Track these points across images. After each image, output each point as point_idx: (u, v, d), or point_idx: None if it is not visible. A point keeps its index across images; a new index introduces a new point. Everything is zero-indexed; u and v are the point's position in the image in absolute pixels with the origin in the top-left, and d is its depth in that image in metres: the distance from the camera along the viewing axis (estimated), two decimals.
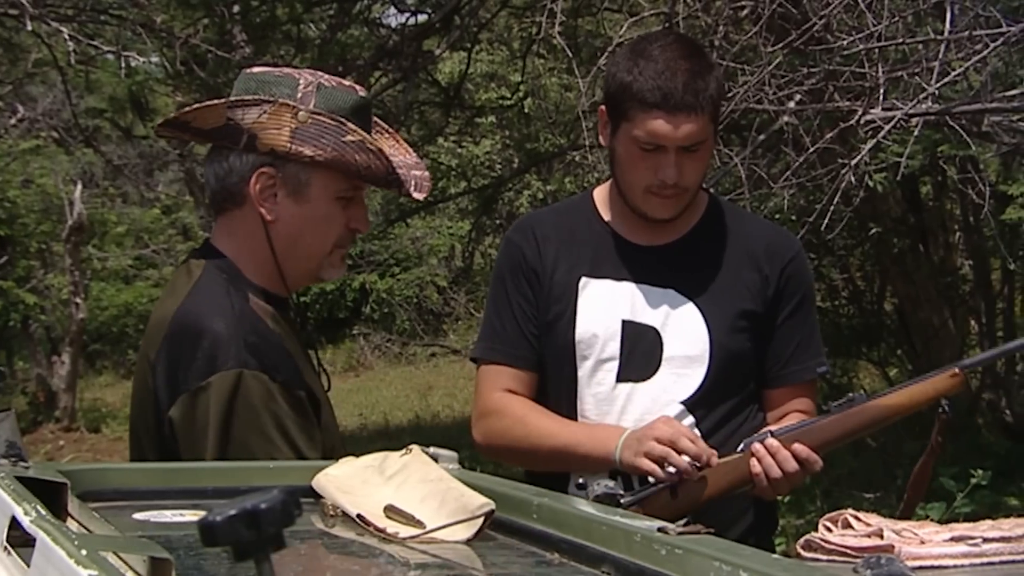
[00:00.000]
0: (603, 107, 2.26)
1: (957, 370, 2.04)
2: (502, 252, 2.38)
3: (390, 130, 2.16)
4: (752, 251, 2.27)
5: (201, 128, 2.04)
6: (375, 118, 2.14)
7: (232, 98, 2.01)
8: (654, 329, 2.22)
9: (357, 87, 2.08)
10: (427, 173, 2.12)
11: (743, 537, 2.21)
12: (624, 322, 2.22)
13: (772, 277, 2.25)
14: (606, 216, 2.31)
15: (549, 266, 2.28)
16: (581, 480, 2.11)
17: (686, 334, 2.22)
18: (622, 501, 2.02)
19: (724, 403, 2.24)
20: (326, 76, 2.06)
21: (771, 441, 2.04)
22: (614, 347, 2.22)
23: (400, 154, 2.11)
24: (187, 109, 2.05)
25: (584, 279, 2.26)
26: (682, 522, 1.96)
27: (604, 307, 2.24)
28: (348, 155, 1.97)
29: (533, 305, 2.28)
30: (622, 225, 2.29)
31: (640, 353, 2.21)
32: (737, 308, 2.24)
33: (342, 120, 1.98)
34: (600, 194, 2.35)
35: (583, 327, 2.23)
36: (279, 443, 1.91)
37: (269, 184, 2.00)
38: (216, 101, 2.04)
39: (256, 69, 2.10)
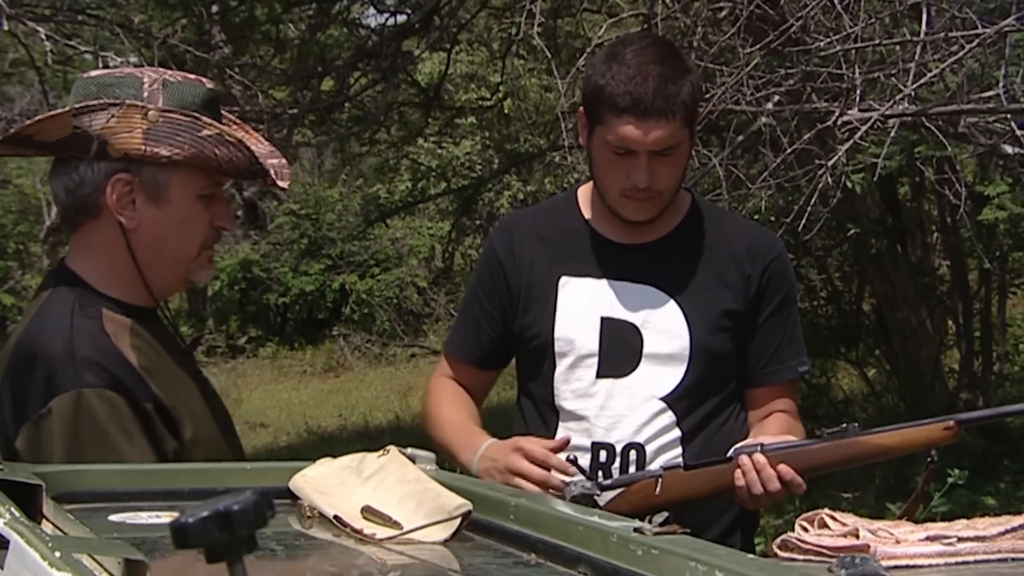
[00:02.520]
0: (581, 108, 2.28)
1: (952, 423, 2.03)
2: (482, 250, 2.46)
3: (238, 121, 2.07)
4: (734, 250, 2.28)
5: (45, 141, 1.92)
6: (222, 110, 2.03)
7: (77, 105, 1.89)
8: (633, 325, 2.23)
9: (204, 80, 2.00)
10: (285, 161, 2.03)
11: (725, 533, 2.22)
12: (603, 319, 2.23)
13: (754, 276, 2.26)
14: (588, 215, 2.32)
15: (526, 266, 2.30)
16: (572, 455, 2.17)
17: (666, 331, 2.23)
18: (604, 483, 2.07)
19: (705, 401, 2.24)
20: (170, 72, 1.97)
21: (758, 457, 2.03)
22: (593, 343, 2.23)
23: (254, 144, 2.02)
24: (28, 123, 1.92)
25: (564, 277, 2.27)
26: (658, 521, 1.98)
27: (583, 304, 2.25)
28: (207, 150, 1.89)
29: (496, 306, 2.33)
30: (603, 224, 2.30)
31: (619, 349, 2.23)
32: (718, 307, 2.25)
33: (195, 115, 1.89)
34: (583, 193, 2.37)
35: (562, 324, 2.25)
36: (131, 454, 1.82)
37: (126, 191, 1.91)
38: (59, 111, 1.92)
39: (95, 73, 1.99)
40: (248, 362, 16.18)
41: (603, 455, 2.21)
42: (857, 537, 1.44)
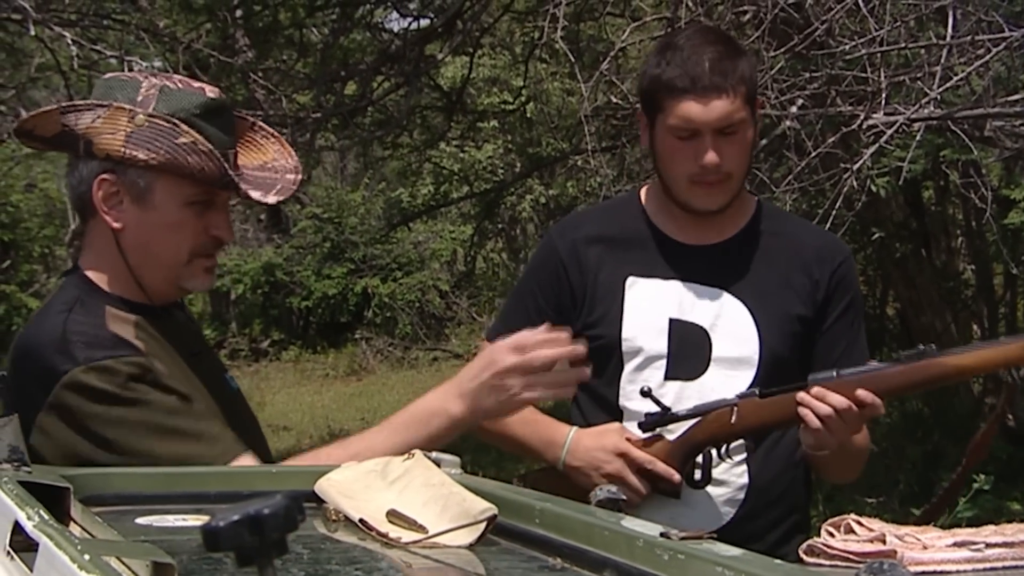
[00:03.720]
0: (639, 109, 2.27)
1: None
2: (539, 246, 2.43)
3: (275, 133, 2.06)
4: (802, 254, 2.27)
5: (44, 136, 1.95)
6: (258, 121, 2.06)
7: (64, 104, 1.96)
8: (702, 328, 2.21)
9: (208, 88, 1.98)
10: (298, 177, 2.01)
11: (781, 540, 2.21)
12: (672, 320, 2.22)
13: (822, 281, 2.25)
14: (653, 215, 2.31)
15: (592, 267, 2.28)
16: (646, 387, 2.15)
17: (736, 335, 2.21)
18: (680, 413, 2.10)
19: None
20: (177, 78, 1.98)
21: (817, 390, 2.03)
22: (661, 345, 2.21)
23: (270, 158, 2.02)
24: (25, 117, 2.00)
25: (632, 278, 2.26)
26: (734, 459, 2.09)
27: (651, 305, 2.23)
28: (180, 157, 1.88)
29: (553, 304, 2.29)
30: (670, 224, 2.29)
31: (688, 352, 2.21)
32: (787, 311, 2.23)
33: (176, 122, 1.88)
34: (647, 193, 2.35)
35: (630, 325, 2.23)
36: (138, 416, 1.82)
37: (112, 191, 1.92)
38: (49, 108, 1.96)
39: (109, 75, 2.02)
40: (271, 365, 16.23)
41: None
42: (884, 543, 1.44)
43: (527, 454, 2.30)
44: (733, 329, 2.21)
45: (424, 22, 8.23)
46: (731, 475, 2.19)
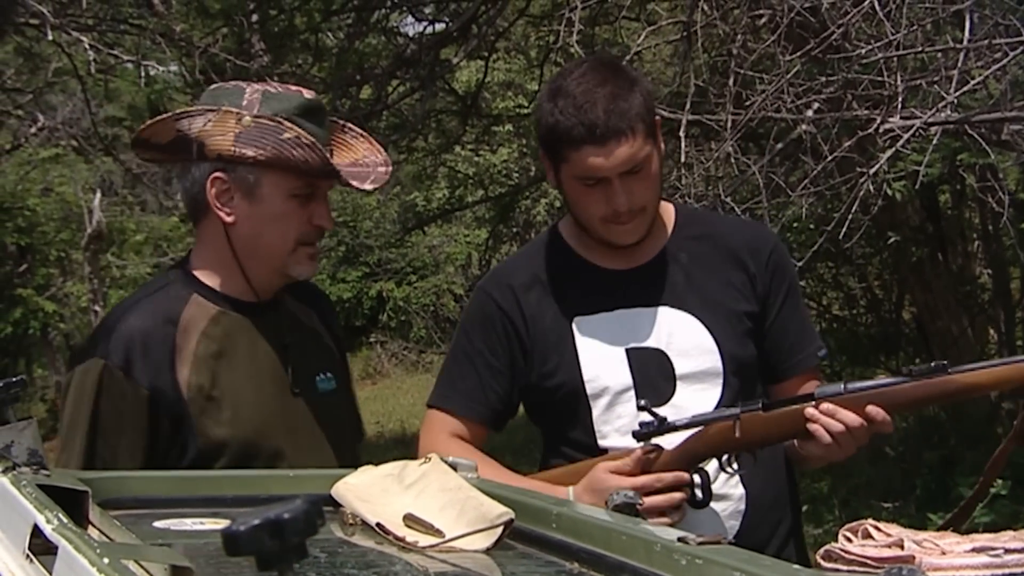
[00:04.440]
0: (542, 151, 2.21)
1: None
2: (473, 303, 2.32)
3: (363, 133, 2.22)
4: (733, 251, 2.23)
5: (160, 143, 2.12)
6: (348, 123, 2.22)
7: (178, 111, 2.12)
8: (659, 351, 2.16)
9: (304, 91, 2.15)
10: (389, 169, 2.17)
11: (781, 546, 2.19)
12: (628, 350, 2.17)
13: (759, 273, 2.22)
14: (579, 249, 2.25)
15: (535, 315, 2.22)
16: (643, 402, 2.08)
17: (693, 348, 2.17)
18: (678, 422, 2.03)
19: None
20: (278, 85, 2.16)
21: (827, 406, 1.99)
22: (625, 377, 2.16)
23: (361, 152, 2.17)
24: (143, 126, 2.14)
25: (577, 318, 2.19)
26: (734, 468, 2.02)
27: (604, 341, 2.18)
28: (286, 152, 2.03)
29: (505, 361, 2.22)
30: (596, 255, 2.23)
31: (652, 377, 2.15)
32: (734, 311, 2.20)
33: (280, 120, 2.04)
34: (567, 228, 2.29)
35: (589, 365, 2.17)
36: (112, 433, 2.01)
37: (224, 188, 2.08)
38: (165, 115, 2.13)
39: (214, 86, 2.20)
40: None
41: None
42: (902, 548, 1.43)
43: None
44: (689, 343, 2.17)
45: (439, 26, 8.24)
46: (728, 488, 2.15)
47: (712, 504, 2.12)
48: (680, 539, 1.22)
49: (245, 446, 2.03)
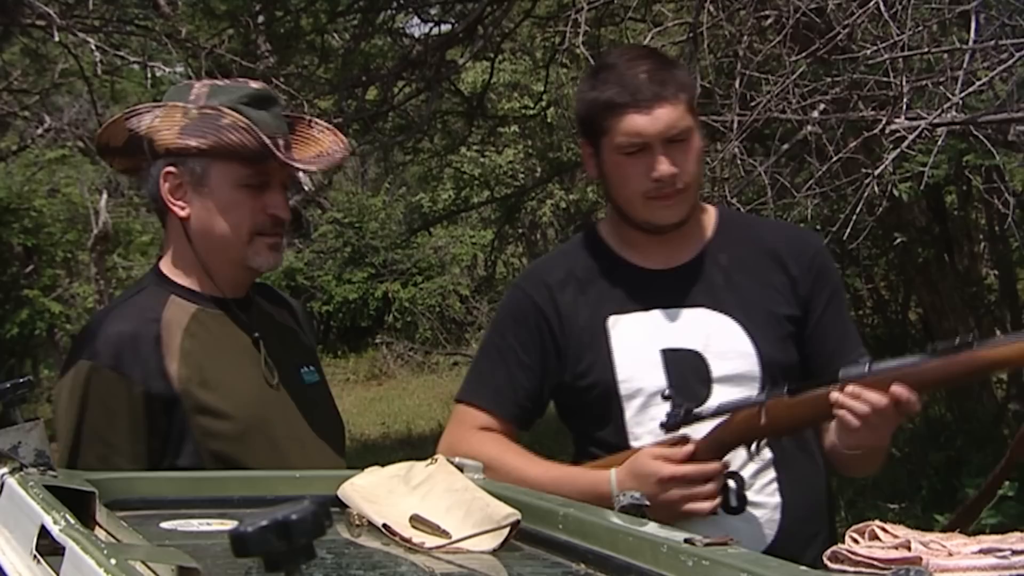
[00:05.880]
0: (582, 139, 2.20)
1: None
2: (508, 299, 2.29)
3: (330, 127, 2.21)
4: (774, 253, 2.20)
5: (117, 146, 2.12)
6: (315, 119, 2.22)
7: (127, 110, 2.12)
8: (696, 352, 2.12)
9: (253, 82, 2.16)
10: (345, 156, 2.17)
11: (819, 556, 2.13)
12: (663, 351, 2.12)
13: (800, 276, 2.18)
14: (617, 248, 2.22)
15: (570, 314, 2.18)
16: (667, 391, 2.08)
17: (731, 351, 2.12)
18: (705, 411, 2.02)
19: None
20: (228, 79, 2.21)
21: (852, 388, 1.93)
22: (660, 379, 2.11)
23: (326, 147, 2.16)
24: (99, 131, 2.17)
25: (612, 317, 2.15)
26: (757, 461, 2.00)
27: (639, 341, 2.13)
28: (225, 137, 2.04)
29: (536, 358, 2.19)
30: (635, 253, 2.20)
31: (688, 379, 2.11)
32: (775, 314, 2.15)
33: (220, 108, 2.04)
34: (606, 227, 2.26)
35: (623, 365, 2.13)
36: (109, 433, 2.01)
37: (177, 183, 2.08)
38: (115, 116, 2.14)
39: (172, 87, 2.21)
40: None
41: None
42: (909, 549, 1.43)
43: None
44: (727, 346, 2.12)
45: (445, 27, 8.24)
46: (764, 496, 2.11)
47: (748, 511, 2.09)
48: (687, 540, 1.22)
49: (242, 434, 2.04)
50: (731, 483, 2.06)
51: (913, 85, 4.15)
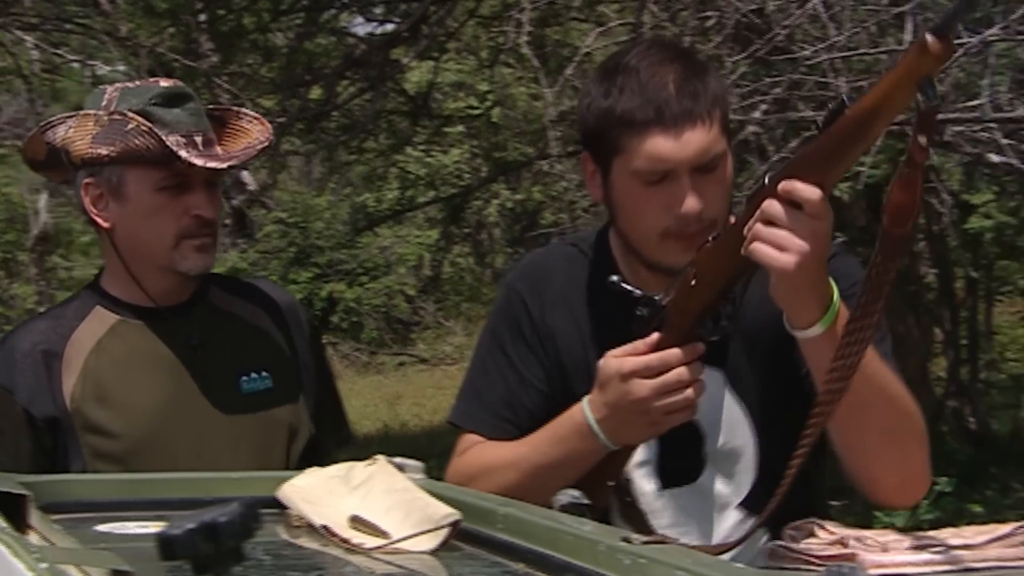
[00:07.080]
0: (585, 153, 1.83)
1: (928, 36, 1.46)
2: (503, 301, 1.95)
3: (257, 116, 2.15)
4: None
5: (40, 160, 2.08)
6: (243, 109, 2.18)
7: (43, 123, 2.07)
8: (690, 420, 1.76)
9: (163, 80, 2.12)
10: (264, 144, 2.08)
11: None
12: None
13: None
14: (623, 268, 1.85)
15: (558, 335, 1.88)
16: (615, 278, 1.76)
17: (725, 421, 1.81)
18: (660, 301, 1.68)
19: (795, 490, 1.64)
20: (139, 81, 2.16)
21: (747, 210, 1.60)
22: (648, 446, 1.81)
23: (254, 138, 2.09)
24: (22, 146, 2.14)
25: (603, 351, 1.76)
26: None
27: None
28: (130, 143, 1.99)
29: (536, 367, 1.88)
30: (642, 278, 1.81)
31: (680, 451, 1.81)
32: (775, 365, 1.77)
33: (125, 113, 2.00)
34: (615, 243, 1.89)
35: None
36: None
37: (98, 194, 2.04)
38: (33, 131, 2.10)
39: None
40: None
41: None
42: (845, 546, 1.44)
43: (555, 470, 1.77)
44: (722, 415, 1.81)
45: (389, 27, 8.22)
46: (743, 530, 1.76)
47: (726, 514, 1.83)
48: (624, 539, 1.23)
49: (130, 453, 2.01)
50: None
51: (852, 85, 4.19)
